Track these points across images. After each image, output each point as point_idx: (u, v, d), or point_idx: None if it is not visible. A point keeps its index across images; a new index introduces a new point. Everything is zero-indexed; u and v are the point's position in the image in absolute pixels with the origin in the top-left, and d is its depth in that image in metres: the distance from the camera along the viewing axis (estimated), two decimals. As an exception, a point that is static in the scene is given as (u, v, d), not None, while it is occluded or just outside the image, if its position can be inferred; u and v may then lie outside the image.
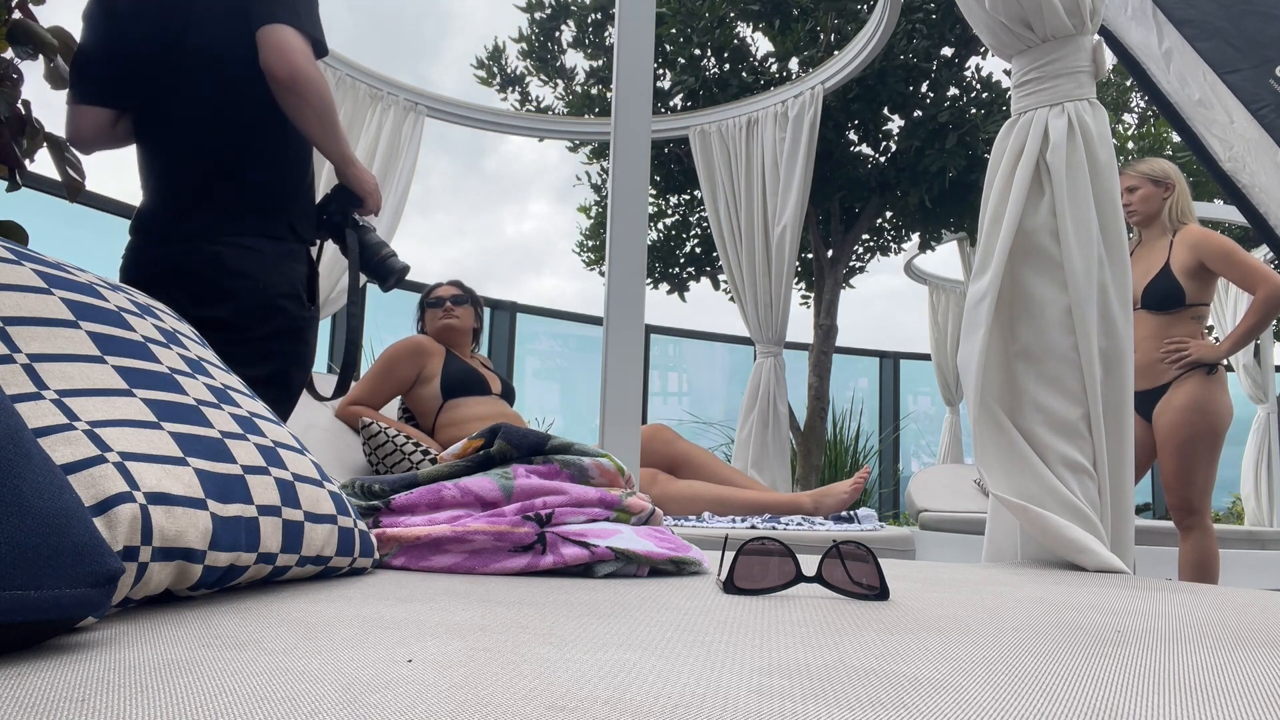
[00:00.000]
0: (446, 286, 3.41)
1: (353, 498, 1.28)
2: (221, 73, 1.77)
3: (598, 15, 6.86)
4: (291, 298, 1.81)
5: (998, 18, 1.84)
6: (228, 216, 1.76)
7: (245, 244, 1.76)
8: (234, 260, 1.74)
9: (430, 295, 3.39)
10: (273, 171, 1.83)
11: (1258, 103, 2.32)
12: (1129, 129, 8.06)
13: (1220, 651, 0.73)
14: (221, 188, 1.77)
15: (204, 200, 1.77)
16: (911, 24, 6.26)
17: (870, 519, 3.19)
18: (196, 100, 1.78)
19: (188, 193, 1.77)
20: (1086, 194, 1.76)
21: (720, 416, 8.01)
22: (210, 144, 1.78)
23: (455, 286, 3.42)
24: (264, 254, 1.78)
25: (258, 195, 1.80)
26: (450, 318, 3.30)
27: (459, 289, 3.41)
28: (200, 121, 1.78)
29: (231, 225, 1.76)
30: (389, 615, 0.76)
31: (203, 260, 1.73)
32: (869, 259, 7.79)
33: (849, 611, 0.89)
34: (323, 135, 1.80)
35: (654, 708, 0.47)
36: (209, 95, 1.78)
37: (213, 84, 1.78)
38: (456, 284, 3.44)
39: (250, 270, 1.75)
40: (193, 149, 1.79)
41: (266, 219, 1.80)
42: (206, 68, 1.77)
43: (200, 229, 1.75)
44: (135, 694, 0.47)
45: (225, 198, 1.77)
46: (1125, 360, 1.76)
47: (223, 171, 1.78)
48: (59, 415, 0.73)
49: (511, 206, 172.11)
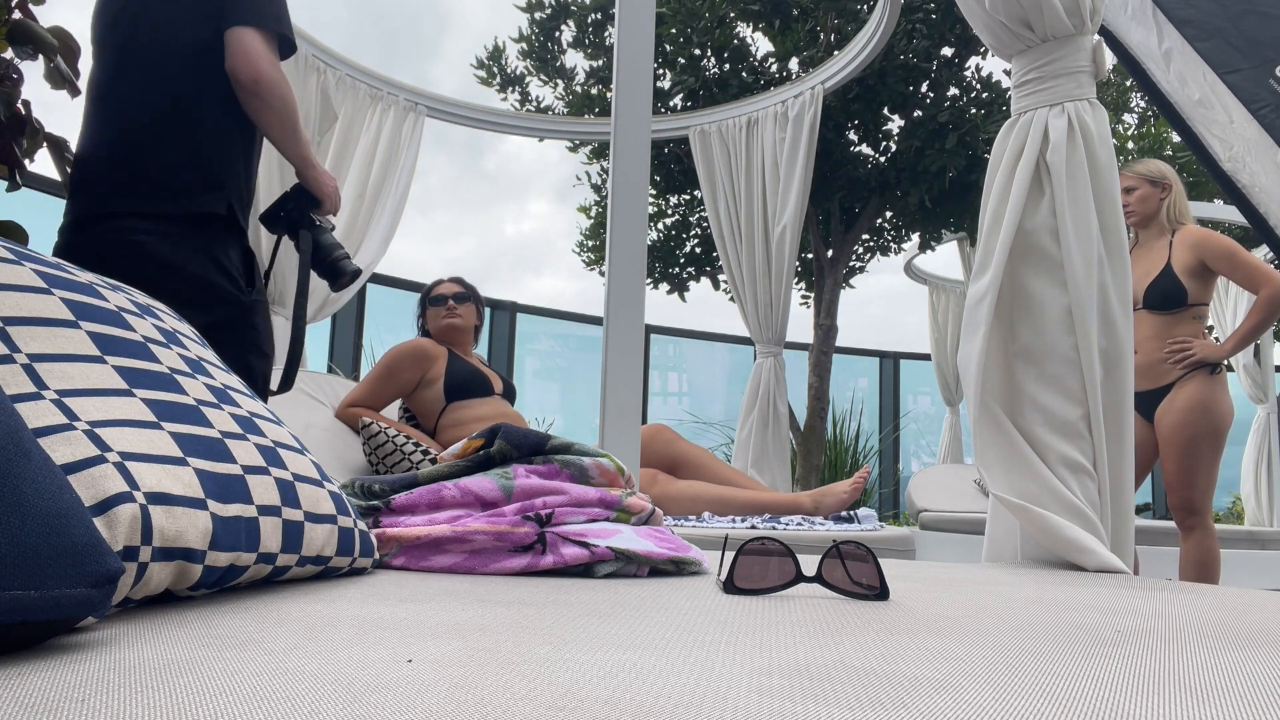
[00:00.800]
0: (449, 284, 3.35)
1: (353, 498, 1.28)
2: (167, 53, 1.79)
3: (598, 15, 6.86)
4: (227, 284, 1.78)
5: (998, 18, 1.84)
6: (158, 193, 1.74)
7: (173, 232, 1.73)
8: (161, 250, 1.71)
9: (432, 293, 3.34)
10: (214, 149, 1.80)
11: (1258, 103, 2.32)
12: (1129, 129, 8.07)
13: (1220, 651, 0.73)
14: (154, 163, 1.76)
15: (134, 175, 1.75)
16: (911, 24, 6.26)
17: (870, 519, 3.19)
18: (139, 79, 1.79)
19: (119, 169, 1.76)
20: (1086, 194, 1.76)
21: (720, 416, 8.01)
22: (147, 120, 1.78)
23: (457, 284, 3.36)
24: (192, 241, 1.75)
25: (194, 172, 1.78)
26: (454, 316, 3.25)
27: (461, 286, 3.35)
28: (140, 99, 1.78)
29: (159, 204, 1.73)
30: (389, 615, 0.76)
31: (129, 250, 1.69)
32: (869, 259, 7.80)
33: (849, 611, 0.89)
34: (283, 137, 1.83)
35: (654, 708, 0.47)
36: (151, 75, 1.79)
37: (156, 63, 1.79)
38: (459, 281, 3.38)
39: (178, 261, 1.72)
40: (130, 124, 1.78)
41: (199, 197, 1.77)
42: (154, 47, 1.79)
43: (128, 207, 1.72)
44: (135, 694, 0.47)
45: (155, 173, 1.75)
46: (1125, 360, 1.76)
47: (156, 147, 1.76)
48: (59, 415, 0.73)
49: (511, 206, 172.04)
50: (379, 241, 4.30)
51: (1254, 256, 3.22)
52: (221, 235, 1.81)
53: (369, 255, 4.26)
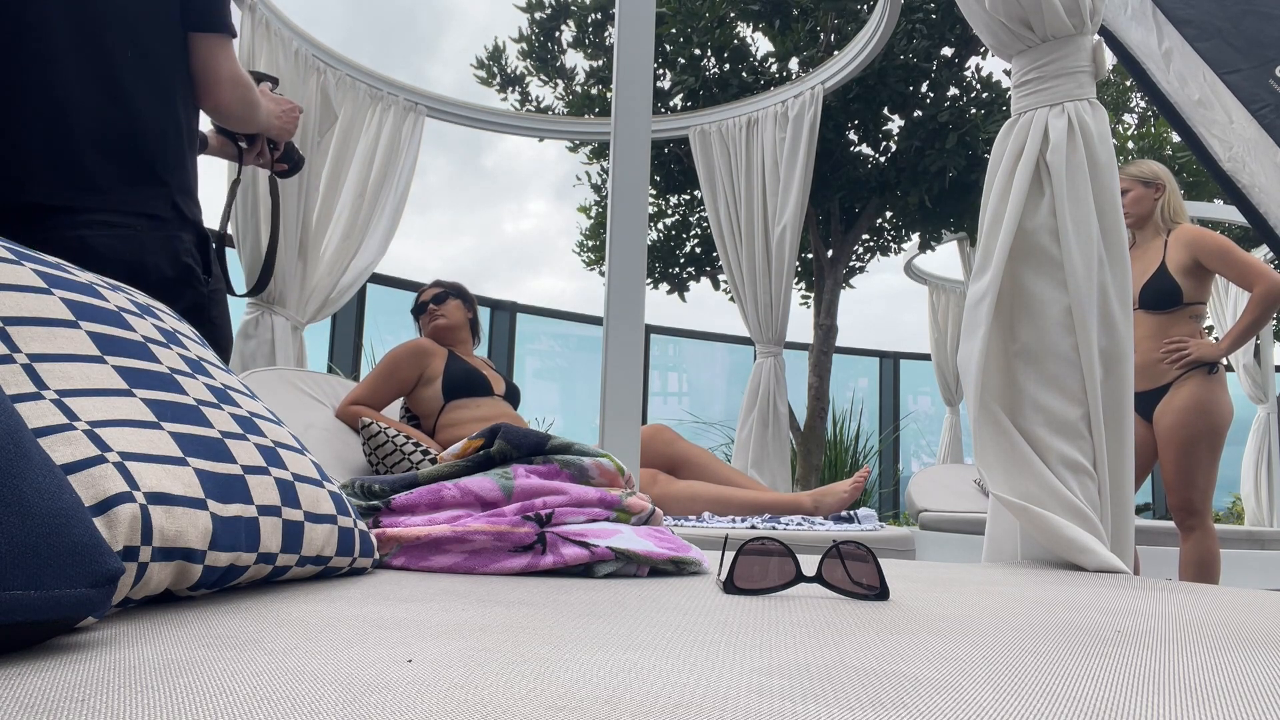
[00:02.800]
0: (428, 289, 3.44)
1: (353, 498, 1.28)
2: (111, 41, 1.60)
3: (598, 15, 6.86)
4: (182, 275, 1.63)
5: (998, 18, 1.84)
6: (93, 189, 1.55)
7: (114, 221, 1.55)
8: (103, 244, 1.53)
9: (416, 304, 3.44)
10: (154, 142, 1.63)
11: (1257, 103, 2.32)
12: (1129, 129, 8.07)
13: (1220, 651, 0.73)
14: (91, 157, 1.56)
15: (70, 170, 1.55)
16: (911, 24, 6.26)
17: (870, 519, 3.19)
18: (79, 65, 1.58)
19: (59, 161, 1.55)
20: (1086, 194, 1.76)
21: (720, 416, 8.01)
22: (85, 109, 1.57)
23: (434, 286, 3.45)
24: (136, 230, 1.57)
25: (132, 167, 1.60)
26: (438, 318, 3.31)
27: (438, 286, 3.43)
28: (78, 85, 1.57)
29: (95, 199, 1.55)
30: (389, 615, 0.76)
31: (66, 248, 1.49)
32: (869, 259, 7.80)
33: (849, 611, 0.89)
34: (244, 127, 1.84)
35: (654, 708, 0.47)
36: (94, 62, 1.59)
37: (100, 50, 1.60)
38: (436, 283, 3.47)
39: (123, 254, 1.55)
40: (66, 114, 1.56)
41: (139, 192, 1.59)
42: (98, 34, 1.60)
43: (64, 204, 1.53)
44: (135, 694, 0.47)
45: (93, 167, 1.56)
46: (1125, 360, 1.76)
47: (93, 139, 1.57)
48: (59, 415, 0.73)
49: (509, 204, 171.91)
50: (379, 241, 4.30)
51: (1248, 254, 3.22)
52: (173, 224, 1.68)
53: (369, 255, 4.26)
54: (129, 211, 1.58)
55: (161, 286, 1.57)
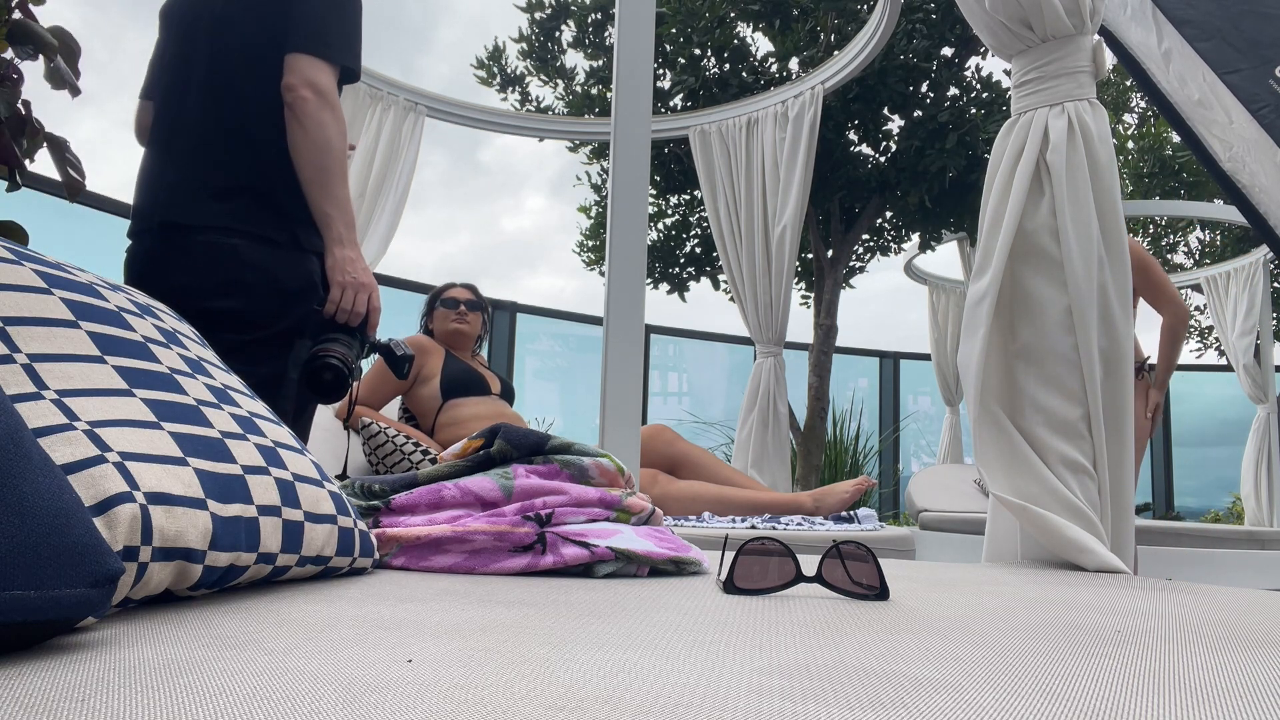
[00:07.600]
0: (462, 289, 3.40)
1: (353, 498, 1.28)
2: (234, 77, 1.76)
3: (598, 15, 6.86)
4: (309, 290, 1.76)
5: (998, 18, 1.84)
6: (230, 214, 1.72)
7: (258, 234, 1.72)
8: (250, 253, 1.70)
9: (444, 295, 3.37)
10: (276, 178, 1.75)
11: (1257, 103, 2.32)
12: (1129, 129, 8.06)
13: (1220, 651, 0.73)
14: (223, 189, 1.73)
15: (208, 197, 1.73)
16: (911, 24, 6.26)
17: (870, 519, 3.19)
18: (204, 100, 1.77)
19: (196, 188, 1.74)
20: (1086, 194, 1.76)
21: (720, 416, 8.00)
22: (213, 145, 1.75)
23: (471, 292, 3.40)
24: (277, 246, 1.74)
25: (258, 201, 1.75)
26: (462, 322, 3.29)
27: (474, 295, 3.40)
28: (207, 121, 1.76)
29: (238, 219, 1.72)
30: (389, 615, 0.76)
31: (218, 252, 1.68)
32: (869, 259, 7.79)
33: (849, 611, 0.89)
34: (313, 181, 1.70)
35: (654, 708, 0.47)
36: (216, 99, 1.76)
37: (223, 86, 1.76)
38: (472, 289, 3.42)
39: (265, 263, 1.71)
40: (195, 148, 1.76)
41: (267, 223, 1.75)
42: (222, 70, 1.76)
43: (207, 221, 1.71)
44: (135, 694, 0.47)
45: (225, 198, 1.73)
46: (1125, 360, 1.76)
47: (222, 173, 1.74)
48: (59, 415, 0.73)
49: (507, 201, 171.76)
50: (379, 241, 4.30)
51: (1165, 276, 3.28)
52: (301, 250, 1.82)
53: (369, 255, 4.26)
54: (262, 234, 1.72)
55: (290, 294, 1.73)
